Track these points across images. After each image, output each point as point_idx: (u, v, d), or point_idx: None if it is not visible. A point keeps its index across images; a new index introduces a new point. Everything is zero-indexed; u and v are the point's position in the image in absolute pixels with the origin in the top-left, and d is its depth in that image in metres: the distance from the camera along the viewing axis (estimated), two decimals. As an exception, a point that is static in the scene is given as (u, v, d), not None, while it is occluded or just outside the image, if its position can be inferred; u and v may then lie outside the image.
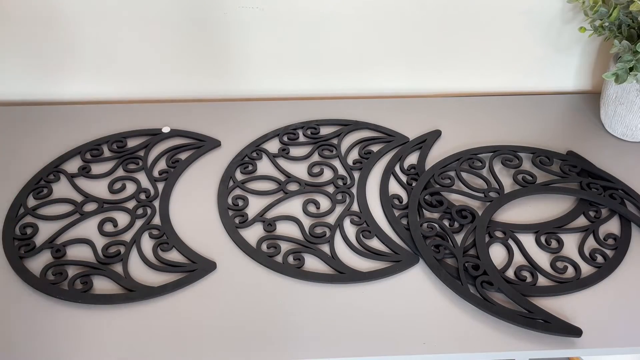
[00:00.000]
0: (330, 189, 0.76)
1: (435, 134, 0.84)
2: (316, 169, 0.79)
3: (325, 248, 0.69)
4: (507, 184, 0.76)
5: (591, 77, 0.94)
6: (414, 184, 0.76)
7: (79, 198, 0.75)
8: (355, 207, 0.74)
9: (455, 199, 0.74)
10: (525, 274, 0.65)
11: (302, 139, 0.84)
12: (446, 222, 0.71)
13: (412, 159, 0.81)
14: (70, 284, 0.64)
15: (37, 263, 0.67)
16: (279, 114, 0.88)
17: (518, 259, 0.67)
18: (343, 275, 0.65)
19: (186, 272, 0.65)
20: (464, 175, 0.77)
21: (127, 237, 0.70)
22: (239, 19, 0.84)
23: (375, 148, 0.83)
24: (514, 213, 0.73)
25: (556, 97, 0.93)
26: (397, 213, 0.72)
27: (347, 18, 0.85)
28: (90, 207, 0.74)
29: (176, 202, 0.75)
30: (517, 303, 0.61)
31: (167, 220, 0.72)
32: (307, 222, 0.72)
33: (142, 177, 0.78)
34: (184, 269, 0.66)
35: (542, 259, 0.67)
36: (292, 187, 0.76)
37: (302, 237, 0.70)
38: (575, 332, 0.58)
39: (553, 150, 0.81)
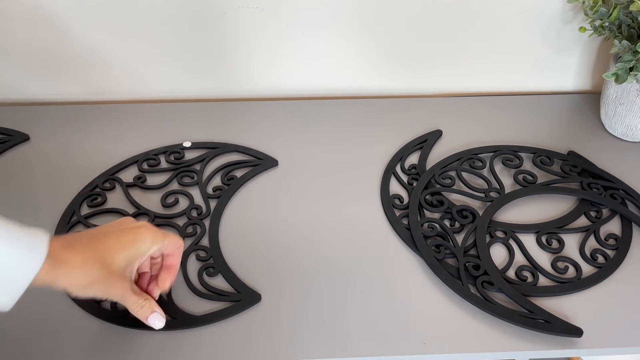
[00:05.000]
0: (183, 220, 0.70)
1: (436, 134, 0.84)
2: (170, 199, 0.73)
3: None
4: (508, 184, 0.76)
5: (591, 77, 0.94)
6: (414, 184, 0.76)
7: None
8: (205, 240, 0.68)
9: (456, 198, 0.74)
10: (526, 274, 0.65)
11: (163, 165, 0.79)
12: (447, 222, 0.71)
13: (413, 158, 0.81)
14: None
15: None
16: (279, 114, 0.88)
17: (519, 259, 0.67)
18: (175, 321, 0.59)
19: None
20: (464, 175, 0.77)
21: None
22: (239, 19, 0.84)
23: (239, 173, 0.77)
24: (514, 213, 0.73)
25: (556, 97, 0.93)
26: (397, 213, 0.72)
27: (347, 18, 0.85)
28: (140, 220, 0.68)
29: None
30: (518, 303, 0.61)
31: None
32: None
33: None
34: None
35: (543, 259, 0.67)
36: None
37: None
38: (576, 332, 0.58)
39: (554, 150, 0.81)
